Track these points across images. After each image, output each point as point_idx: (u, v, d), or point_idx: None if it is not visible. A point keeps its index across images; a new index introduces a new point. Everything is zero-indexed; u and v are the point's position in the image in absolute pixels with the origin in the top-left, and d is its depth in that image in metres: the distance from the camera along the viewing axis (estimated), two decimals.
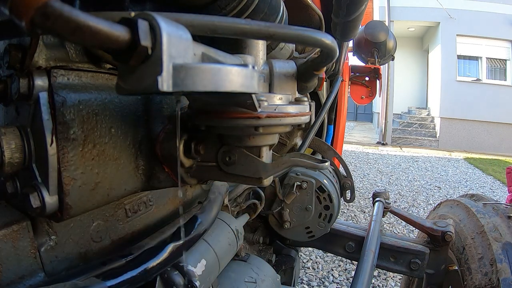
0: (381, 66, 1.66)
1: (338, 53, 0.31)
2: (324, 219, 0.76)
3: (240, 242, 0.54)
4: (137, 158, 0.34)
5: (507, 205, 0.88)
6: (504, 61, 8.01)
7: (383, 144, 7.89)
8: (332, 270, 1.90)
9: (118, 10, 0.20)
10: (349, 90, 1.60)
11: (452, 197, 1.83)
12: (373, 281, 1.82)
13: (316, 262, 1.96)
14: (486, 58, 8.01)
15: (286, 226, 0.79)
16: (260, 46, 0.40)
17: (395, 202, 3.26)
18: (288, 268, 0.86)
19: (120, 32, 0.15)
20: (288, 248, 0.91)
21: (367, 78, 1.72)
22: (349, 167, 0.78)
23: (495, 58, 8.05)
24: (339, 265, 1.95)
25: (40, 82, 0.26)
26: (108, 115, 0.30)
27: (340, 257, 1.61)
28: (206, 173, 0.35)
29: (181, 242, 0.47)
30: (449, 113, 7.92)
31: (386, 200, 1.02)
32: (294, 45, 0.56)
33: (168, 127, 0.35)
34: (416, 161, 5.75)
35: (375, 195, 1.04)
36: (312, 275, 1.83)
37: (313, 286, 1.72)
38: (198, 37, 0.38)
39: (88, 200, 0.30)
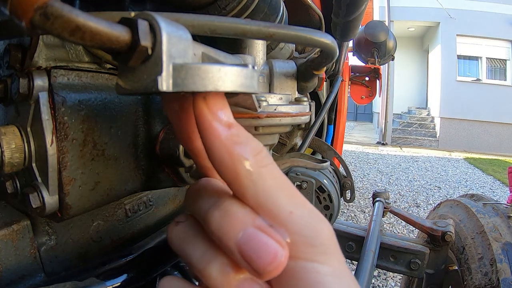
0: (381, 66, 1.66)
1: (338, 53, 0.31)
2: None
3: None
4: (137, 158, 0.34)
5: (507, 205, 0.88)
6: (504, 61, 8.01)
7: (383, 144, 7.89)
8: None
9: (118, 10, 0.20)
10: (349, 90, 1.61)
11: (452, 197, 1.83)
12: (373, 281, 1.81)
13: None
14: (486, 58, 8.01)
15: None
16: (260, 46, 0.40)
17: (395, 202, 3.26)
18: None
19: (120, 32, 0.15)
20: None
21: (367, 78, 1.72)
22: (349, 167, 0.78)
23: (495, 58, 8.05)
24: None
25: (40, 82, 0.26)
26: (108, 115, 0.30)
27: None
28: None
29: None
30: (449, 113, 7.92)
31: (386, 200, 1.02)
32: (294, 45, 0.56)
33: (168, 127, 0.35)
34: (416, 161, 5.75)
35: (375, 195, 1.04)
36: None
37: None
38: (198, 37, 0.38)
39: (88, 200, 0.30)
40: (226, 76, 0.18)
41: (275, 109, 0.32)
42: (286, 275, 0.18)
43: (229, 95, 0.25)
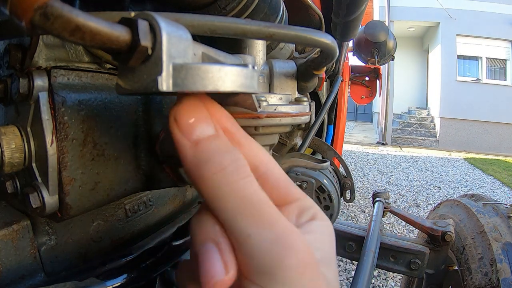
0: (381, 66, 1.66)
1: (338, 53, 0.31)
2: None
3: None
4: (137, 158, 0.34)
5: (507, 205, 0.88)
6: (504, 61, 8.01)
7: (383, 144, 7.89)
8: None
9: (118, 10, 0.20)
10: (349, 90, 1.61)
11: (452, 197, 1.83)
12: (373, 281, 1.82)
13: None
14: (486, 58, 8.01)
15: None
16: (260, 46, 0.40)
17: (395, 202, 3.26)
18: None
19: (120, 32, 0.15)
20: None
21: (367, 78, 1.72)
22: (349, 167, 0.78)
23: (495, 58, 8.05)
24: (339, 265, 1.95)
25: (40, 82, 0.26)
26: (108, 115, 0.30)
27: (340, 257, 1.61)
28: None
29: (181, 242, 0.47)
30: (449, 113, 7.92)
31: (386, 200, 1.02)
32: (294, 45, 0.56)
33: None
34: (416, 161, 5.75)
35: (375, 195, 1.04)
36: None
37: None
38: (198, 37, 0.38)
39: (88, 200, 0.30)
40: (226, 76, 0.18)
41: (275, 109, 0.32)
42: None
43: (229, 95, 0.25)
